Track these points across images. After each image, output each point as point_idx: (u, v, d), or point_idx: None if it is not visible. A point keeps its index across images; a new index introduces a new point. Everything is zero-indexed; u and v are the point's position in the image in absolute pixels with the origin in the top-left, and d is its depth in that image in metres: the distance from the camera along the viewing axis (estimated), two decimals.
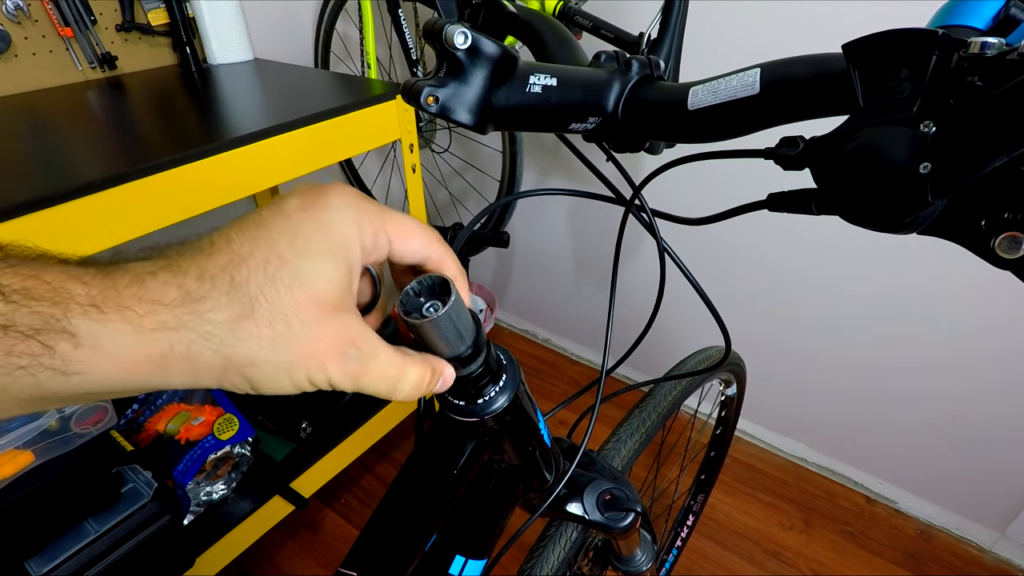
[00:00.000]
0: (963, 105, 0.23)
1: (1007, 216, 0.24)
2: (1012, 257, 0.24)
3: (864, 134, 0.26)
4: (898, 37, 0.24)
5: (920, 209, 0.25)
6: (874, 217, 0.27)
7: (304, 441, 1.18)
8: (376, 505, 0.33)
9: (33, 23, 1.00)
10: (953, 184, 0.23)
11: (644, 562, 0.59)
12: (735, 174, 1.20)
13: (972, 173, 0.23)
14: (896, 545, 1.26)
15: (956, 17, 0.27)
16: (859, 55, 0.26)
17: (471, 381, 0.30)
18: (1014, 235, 0.24)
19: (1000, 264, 0.24)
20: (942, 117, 0.24)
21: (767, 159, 0.31)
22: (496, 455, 0.38)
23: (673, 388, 0.77)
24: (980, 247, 0.25)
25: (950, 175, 0.23)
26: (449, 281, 0.26)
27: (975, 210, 0.25)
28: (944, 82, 0.24)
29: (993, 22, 0.27)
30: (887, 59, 0.25)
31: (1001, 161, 0.22)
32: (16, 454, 0.74)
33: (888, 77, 0.25)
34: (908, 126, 0.24)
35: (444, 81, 0.30)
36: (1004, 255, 0.24)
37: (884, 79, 0.25)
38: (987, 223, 0.24)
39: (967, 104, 0.23)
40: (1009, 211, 0.24)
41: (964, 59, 0.23)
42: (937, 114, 0.24)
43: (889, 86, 0.25)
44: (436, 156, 1.69)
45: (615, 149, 0.39)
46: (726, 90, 0.31)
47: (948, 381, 1.17)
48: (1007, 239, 0.24)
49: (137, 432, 1.11)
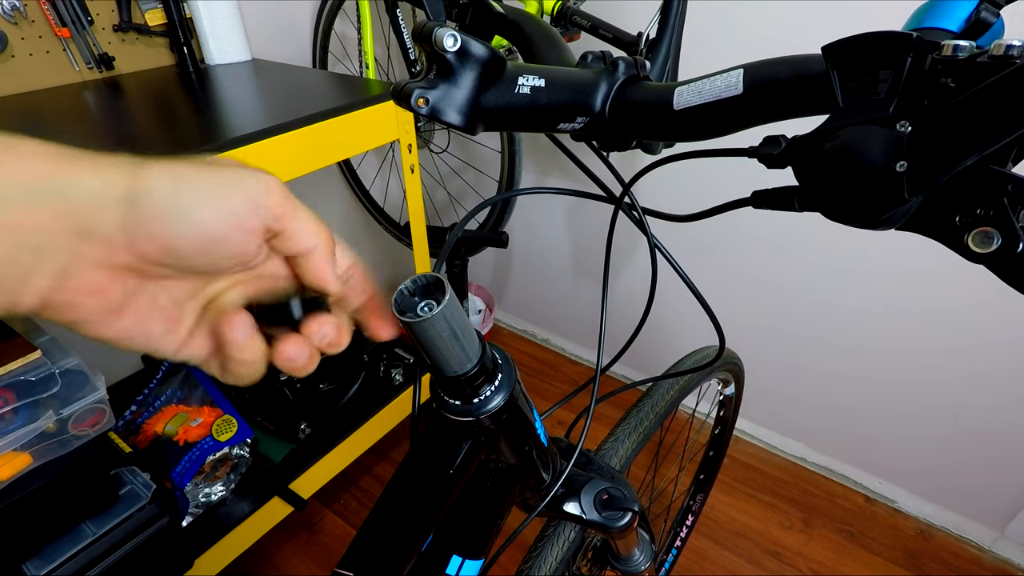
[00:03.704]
0: (937, 106, 0.24)
1: (979, 212, 0.25)
2: (985, 251, 0.24)
3: (843, 133, 0.26)
4: (874, 40, 0.25)
5: (897, 206, 0.25)
6: (853, 214, 0.27)
7: (303, 442, 1.18)
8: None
9: (30, 23, 1.00)
10: (928, 182, 0.24)
11: (643, 562, 0.59)
12: (725, 173, 1.20)
13: (946, 171, 0.23)
14: (896, 544, 1.26)
15: (930, 19, 0.28)
16: (837, 57, 0.27)
17: (466, 380, 0.30)
18: (986, 230, 0.24)
19: (974, 258, 0.25)
20: (917, 117, 0.24)
21: (751, 157, 0.32)
22: (493, 455, 0.38)
23: (670, 387, 0.77)
24: (954, 242, 0.26)
25: (925, 173, 0.24)
26: (443, 280, 0.26)
27: (949, 206, 0.26)
28: (919, 83, 0.25)
29: (965, 24, 0.28)
30: (864, 61, 0.26)
31: (973, 160, 0.23)
32: (13, 456, 0.74)
33: (866, 78, 0.26)
34: (885, 126, 0.25)
35: (434, 83, 0.31)
36: (977, 249, 0.25)
37: (862, 80, 0.26)
38: (961, 219, 0.25)
39: (941, 105, 0.24)
40: (981, 207, 0.24)
41: (938, 61, 0.24)
42: (912, 114, 0.25)
43: (867, 87, 0.26)
44: (435, 156, 1.69)
45: (603, 148, 0.40)
46: (710, 90, 0.31)
47: (948, 381, 1.17)
48: (979, 234, 0.25)
49: (135, 434, 1.11)
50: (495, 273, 1.90)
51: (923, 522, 1.31)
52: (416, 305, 0.27)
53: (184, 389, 1.19)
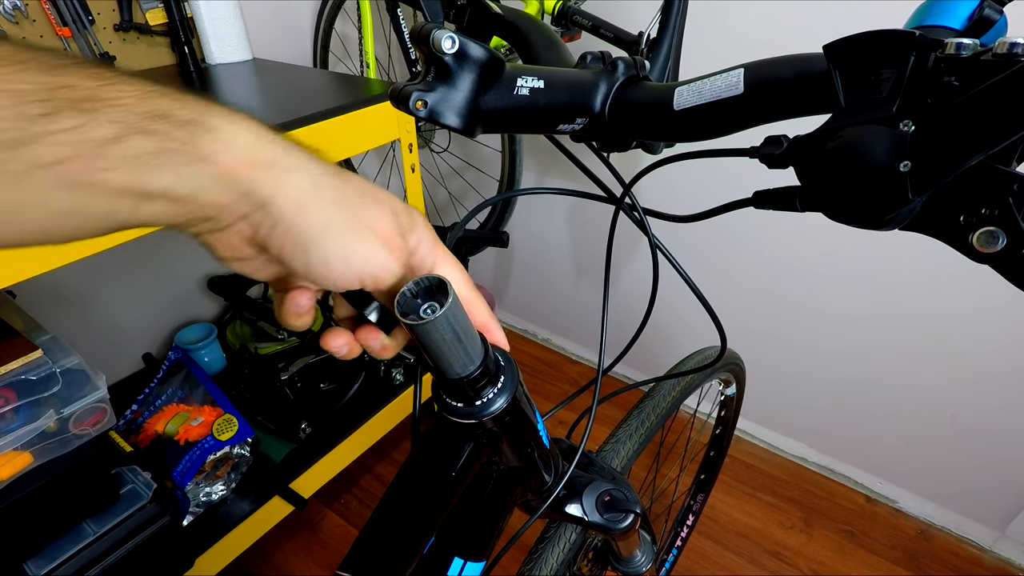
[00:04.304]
0: (940, 105, 0.24)
1: (984, 212, 0.24)
2: (989, 251, 0.24)
3: (845, 133, 0.26)
4: (877, 38, 0.25)
5: (900, 206, 0.25)
6: (856, 214, 0.27)
7: (303, 441, 1.18)
8: (375, 506, 0.33)
9: (31, 23, 1.00)
10: (932, 182, 0.24)
11: (644, 563, 0.59)
12: (729, 173, 1.20)
13: (950, 171, 0.23)
14: (896, 544, 1.26)
15: (933, 17, 0.28)
16: (839, 56, 0.26)
17: (469, 382, 0.30)
18: (991, 230, 0.24)
19: (978, 258, 0.25)
20: (921, 116, 0.24)
21: (752, 158, 0.31)
22: (495, 456, 0.38)
23: (672, 388, 0.77)
24: (959, 242, 0.25)
25: (929, 173, 0.24)
26: (446, 282, 0.26)
27: (954, 206, 0.25)
28: (922, 82, 0.24)
29: (968, 22, 0.27)
30: (867, 60, 0.25)
31: (977, 159, 0.22)
32: (15, 455, 0.74)
33: (868, 77, 0.26)
34: (888, 125, 0.25)
35: (432, 85, 0.30)
36: (982, 249, 0.24)
37: (864, 79, 0.26)
38: (965, 219, 0.25)
39: (944, 104, 0.23)
40: (986, 207, 0.24)
41: (941, 59, 0.24)
42: (916, 113, 0.24)
43: (869, 86, 0.26)
44: (435, 156, 1.69)
45: (603, 149, 0.40)
46: (711, 90, 0.31)
47: (948, 380, 1.16)
48: (984, 234, 0.24)
49: (136, 433, 1.11)
50: (496, 273, 1.90)
51: (924, 522, 1.31)
52: (419, 307, 0.27)
53: (185, 388, 1.19)
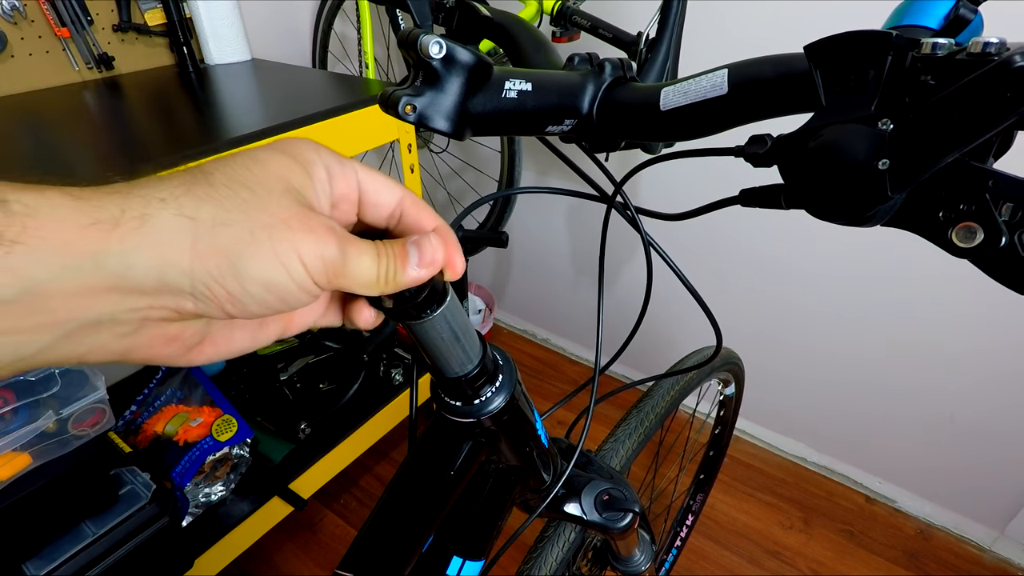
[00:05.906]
0: (917, 103, 0.24)
1: (962, 207, 0.25)
2: (968, 246, 0.25)
3: (826, 132, 0.27)
4: (855, 38, 0.25)
5: (880, 203, 0.26)
6: (837, 211, 0.28)
7: (303, 442, 1.18)
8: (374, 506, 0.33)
9: (29, 23, 1.00)
10: (910, 179, 0.24)
11: (643, 562, 0.59)
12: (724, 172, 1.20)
13: (927, 168, 0.24)
14: (896, 544, 1.26)
15: (910, 17, 0.28)
16: (820, 56, 0.27)
17: (467, 381, 0.30)
18: (969, 225, 0.25)
19: (958, 253, 0.25)
20: (898, 115, 0.25)
21: (737, 157, 0.32)
22: (493, 456, 0.38)
23: (671, 387, 0.77)
24: (938, 237, 0.26)
25: (907, 170, 0.24)
26: (444, 282, 0.26)
27: (932, 203, 0.26)
28: (899, 81, 0.25)
29: (945, 22, 0.28)
30: (846, 60, 0.26)
31: (953, 156, 0.23)
32: (13, 456, 0.74)
33: (848, 77, 0.26)
34: (867, 124, 0.25)
35: (421, 90, 0.30)
36: (961, 244, 0.25)
37: (844, 79, 0.26)
38: (944, 215, 0.25)
39: (921, 102, 0.24)
40: (964, 203, 0.25)
41: (917, 59, 0.24)
42: (894, 112, 0.25)
43: (849, 85, 0.26)
44: (434, 156, 1.69)
45: (592, 149, 0.40)
46: (696, 91, 0.31)
47: (946, 380, 1.17)
48: (963, 229, 0.25)
49: (135, 434, 1.11)
50: (495, 273, 1.90)
51: (923, 522, 1.31)
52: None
53: (184, 389, 1.19)
